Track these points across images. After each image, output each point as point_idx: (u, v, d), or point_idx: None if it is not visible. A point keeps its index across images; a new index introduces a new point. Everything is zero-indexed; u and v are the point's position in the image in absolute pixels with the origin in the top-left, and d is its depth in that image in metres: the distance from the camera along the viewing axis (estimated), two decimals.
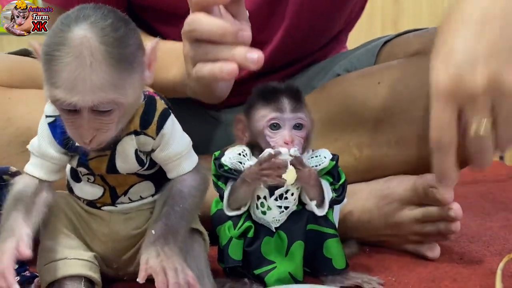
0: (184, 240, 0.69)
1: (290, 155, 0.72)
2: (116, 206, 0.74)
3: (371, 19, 2.23)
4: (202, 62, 0.72)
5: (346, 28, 1.16)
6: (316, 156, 0.78)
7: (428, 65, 0.91)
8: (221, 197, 0.78)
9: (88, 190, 0.73)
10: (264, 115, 0.76)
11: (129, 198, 0.74)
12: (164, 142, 0.69)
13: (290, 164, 0.72)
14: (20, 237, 0.64)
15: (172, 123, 0.70)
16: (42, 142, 0.69)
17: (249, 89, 1.07)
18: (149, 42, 0.65)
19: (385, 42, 1.02)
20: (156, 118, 0.69)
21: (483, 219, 1.15)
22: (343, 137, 0.94)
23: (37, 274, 0.79)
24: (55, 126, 0.68)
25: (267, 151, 0.73)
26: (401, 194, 0.89)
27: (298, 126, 0.76)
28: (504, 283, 0.61)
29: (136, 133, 0.68)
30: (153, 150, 0.70)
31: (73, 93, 0.58)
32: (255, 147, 0.77)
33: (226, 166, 0.76)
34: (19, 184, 0.69)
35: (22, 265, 0.79)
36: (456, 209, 0.85)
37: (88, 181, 0.72)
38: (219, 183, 0.77)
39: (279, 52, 1.04)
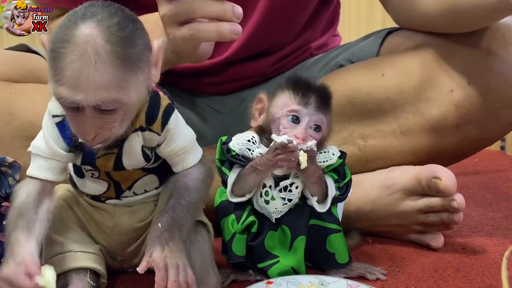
0: (189, 233, 0.69)
1: (307, 148, 0.72)
2: (121, 200, 0.74)
3: (372, 11, 2.23)
4: (196, 21, 0.73)
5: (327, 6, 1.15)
6: (325, 152, 0.77)
7: (431, 58, 0.92)
8: (224, 183, 0.78)
9: (92, 185, 0.73)
10: (286, 103, 0.75)
11: (133, 192, 0.74)
12: (169, 137, 0.69)
13: (302, 150, 0.71)
14: (21, 261, 0.62)
15: (176, 118, 0.70)
16: (50, 141, 0.67)
17: (235, 75, 1.07)
18: (155, 41, 0.64)
19: (388, 33, 1.02)
20: (160, 114, 0.68)
21: (485, 209, 1.15)
22: (347, 128, 0.95)
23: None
24: (64, 126, 0.67)
25: (280, 138, 0.72)
26: (404, 184, 0.89)
27: (316, 127, 0.75)
28: (508, 272, 0.61)
29: (142, 129, 0.68)
30: (158, 145, 0.70)
31: (76, 92, 0.57)
32: (264, 134, 0.77)
33: (234, 151, 0.76)
34: (21, 195, 0.66)
35: None
36: (459, 200, 0.86)
37: (92, 176, 0.72)
38: (223, 168, 0.77)
39: (261, 29, 1.03)
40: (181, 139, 0.70)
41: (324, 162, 0.76)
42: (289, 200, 0.76)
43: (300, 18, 1.08)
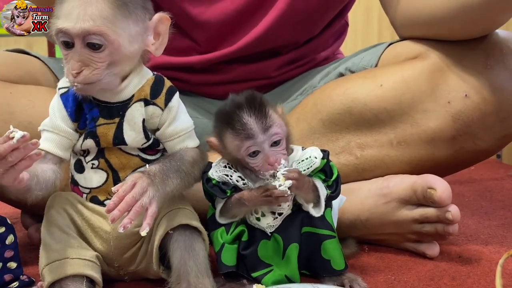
0: (171, 194, 0.71)
1: (286, 186, 0.71)
2: None
3: (368, 21, 2.24)
4: None
5: (339, 17, 1.16)
6: (306, 159, 0.76)
7: (429, 70, 0.92)
8: (211, 202, 0.78)
9: (92, 177, 0.74)
10: (238, 145, 0.73)
11: None
12: (171, 116, 0.74)
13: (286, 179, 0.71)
14: None
15: (179, 100, 0.75)
16: (53, 117, 0.73)
17: (239, 74, 1.08)
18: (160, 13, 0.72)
19: (389, 45, 1.02)
20: (164, 91, 0.74)
21: (481, 217, 1.16)
22: (344, 137, 0.95)
23: (34, 280, 0.80)
24: (67, 96, 0.73)
25: (281, 186, 0.71)
26: (400, 193, 0.90)
27: (275, 143, 0.73)
28: (503, 280, 0.61)
29: (146, 102, 0.73)
30: (158, 129, 0.74)
31: (68, 21, 0.66)
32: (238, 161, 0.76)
33: (214, 179, 0.76)
34: None
35: (19, 266, 0.80)
36: (453, 211, 0.86)
37: (92, 167, 0.74)
38: (209, 191, 0.77)
39: (273, 31, 1.04)
40: (182, 120, 0.75)
41: (308, 168, 0.76)
42: (280, 214, 0.76)
43: (316, 22, 1.09)
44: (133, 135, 0.73)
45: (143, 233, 0.66)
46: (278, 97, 1.10)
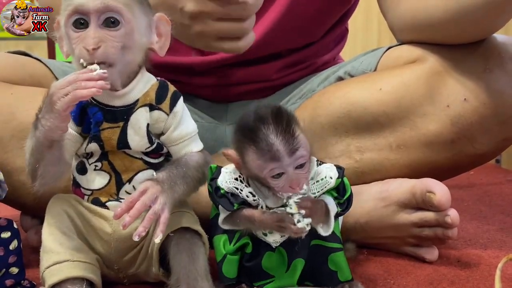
0: (178, 200, 0.71)
1: (305, 226, 0.69)
2: (121, 202, 0.74)
3: (367, 25, 2.24)
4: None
5: (341, 21, 1.17)
6: (322, 179, 0.74)
7: (428, 73, 0.93)
8: (215, 203, 0.77)
9: (95, 178, 0.74)
10: (261, 165, 0.69)
11: (133, 186, 0.74)
12: (176, 121, 0.74)
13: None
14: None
15: (183, 105, 0.75)
16: None
17: (240, 77, 1.09)
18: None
19: (388, 49, 1.03)
20: (169, 96, 0.74)
21: (480, 222, 1.16)
22: (343, 140, 0.95)
23: (35, 284, 0.80)
24: None
25: (301, 221, 0.69)
26: (399, 197, 0.90)
27: (300, 165, 0.69)
28: (502, 284, 0.61)
29: (151, 107, 0.73)
30: (162, 134, 0.74)
31: None
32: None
33: (223, 189, 0.73)
34: None
35: (21, 271, 0.79)
36: (452, 215, 0.86)
37: (95, 169, 0.74)
38: (217, 201, 0.76)
39: (273, 34, 1.05)
40: (187, 124, 0.76)
41: (322, 190, 0.74)
42: None
43: (316, 28, 1.10)
44: (137, 140, 0.73)
45: (157, 240, 0.66)
46: (277, 101, 1.10)
